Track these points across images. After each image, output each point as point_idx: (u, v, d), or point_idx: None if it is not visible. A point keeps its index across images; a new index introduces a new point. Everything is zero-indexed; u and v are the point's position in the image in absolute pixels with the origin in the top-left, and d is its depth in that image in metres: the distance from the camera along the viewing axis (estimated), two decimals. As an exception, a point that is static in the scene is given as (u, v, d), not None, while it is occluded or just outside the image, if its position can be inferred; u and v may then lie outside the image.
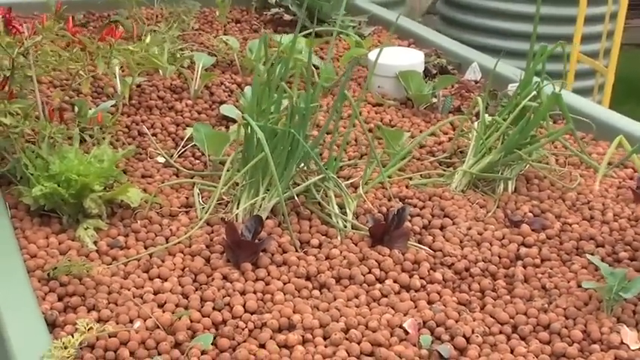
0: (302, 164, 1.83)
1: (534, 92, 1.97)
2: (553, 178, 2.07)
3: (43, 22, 1.79)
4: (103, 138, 1.91)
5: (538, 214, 1.92)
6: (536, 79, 2.04)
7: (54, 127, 1.75)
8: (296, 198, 1.77)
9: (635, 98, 5.58)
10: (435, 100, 2.50)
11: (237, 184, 1.81)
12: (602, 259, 1.75)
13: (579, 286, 1.66)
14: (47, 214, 1.73)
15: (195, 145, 2.10)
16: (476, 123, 2.06)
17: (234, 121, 2.29)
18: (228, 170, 1.77)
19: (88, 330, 1.34)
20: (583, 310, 1.58)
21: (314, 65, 2.51)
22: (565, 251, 1.78)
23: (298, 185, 1.82)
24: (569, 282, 1.67)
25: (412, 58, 2.60)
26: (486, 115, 2.07)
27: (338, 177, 1.98)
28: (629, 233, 1.84)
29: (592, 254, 1.76)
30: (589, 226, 1.87)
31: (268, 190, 1.77)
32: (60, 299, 1.51)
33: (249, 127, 1.74)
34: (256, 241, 1.64)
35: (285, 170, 1.76)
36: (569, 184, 2.05)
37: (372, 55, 2.59)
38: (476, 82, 2.70)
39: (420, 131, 2.33)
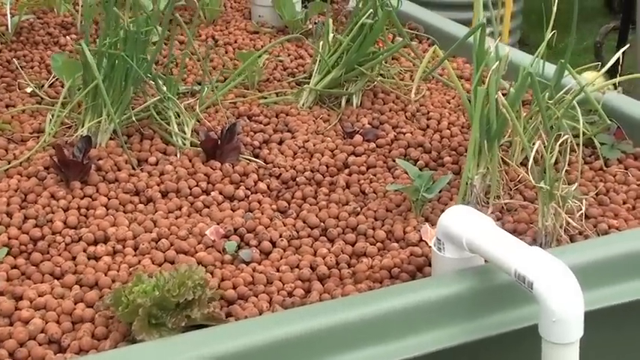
0: (143, 87, 1.71)
1: (371, 10, 1.83)
2: (399, 92, 1.95)
3: None
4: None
5: (377, 125, 1.81)
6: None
7: None
8: (133, 119, 1.66)
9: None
10: (310, 26, 2.37)
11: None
12: (427, 164, 1.66)
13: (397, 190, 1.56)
14: None
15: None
16: (320, 43, 1.93)
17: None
18: (65, 97, 1.65)
19: None
20: (394, 212, 1.49)
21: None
22: (392, 158, 1.68)
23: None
24: (388, 186, 1.57)
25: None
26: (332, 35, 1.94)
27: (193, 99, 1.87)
28: (458, 139, 1.74)
29: (417, 160, 1.66)
30: (421, 135, 1.77)
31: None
32: None
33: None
34: (85, 160, 1.53)
35: (123, 93, 1.64)
36: (411, 96, 1.93)
37: (253, -14, 2.45)
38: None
39: (288, 55, 2.20)
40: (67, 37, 2.23)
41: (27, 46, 2.18)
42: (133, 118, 1.65)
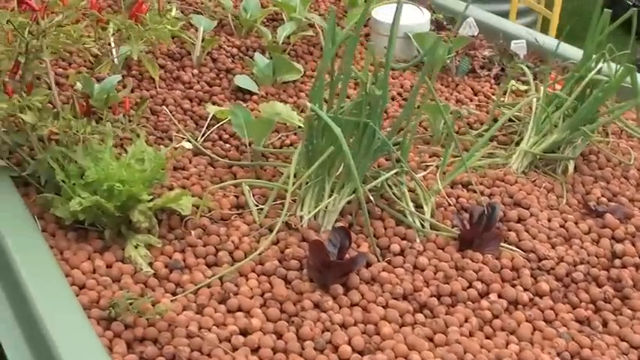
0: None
1: (600, 66, 1.60)
2: (607, 152, 1.72)
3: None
4: (138, 135, 1.42)
5: (610, 197, 1.58)
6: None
7: (85, 124, 1.28)
8: (370, 196, 1.37)
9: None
10: (448, 61, 2.11)
11: (289, 176, 1.38)
12: (699, 250, 1.44)
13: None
14: (82, 227, 1.28)
15: (220, 126, 1.66)
16: (534, 97, 1.68)
17: (249, 92, 1.86)
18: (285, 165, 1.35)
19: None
20: None
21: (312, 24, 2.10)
22: (659, 244, 1.45)
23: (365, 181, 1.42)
24: (678, 284, 1.35)
25: (419, 17, 2.20)
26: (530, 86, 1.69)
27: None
28: None
29: (686, 246, 1.44)
30: (667, 210, 1.55)
31: (333, 188, 1.37)
32: (129, 346, 1.09)
33: (317, 118, 1.33)
34: (346, 257, 1.24)
35: (358, 166, 1.35)
36: (623, 158, 1.71)
37: (376, 14, 2.17)
38: (473, 37, 2.32)
39: (445, 98, 1.95)
40: (190, 71, 1.90)
41: (143, 83, 1.84)
42: (370, 196, 1.37)
